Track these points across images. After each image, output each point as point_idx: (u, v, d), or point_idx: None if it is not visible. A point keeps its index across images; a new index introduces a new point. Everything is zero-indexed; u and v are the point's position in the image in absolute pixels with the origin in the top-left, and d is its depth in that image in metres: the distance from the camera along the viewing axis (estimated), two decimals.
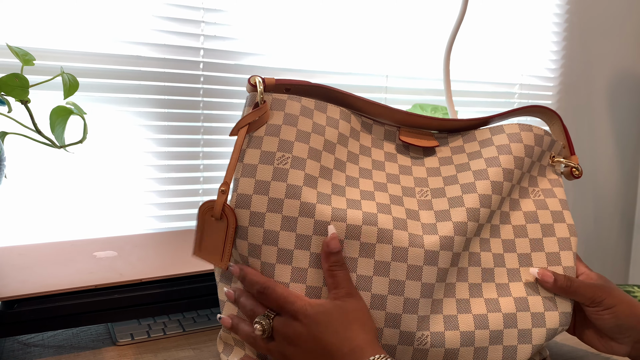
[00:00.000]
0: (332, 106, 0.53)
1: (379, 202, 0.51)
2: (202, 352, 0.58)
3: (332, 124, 0.52)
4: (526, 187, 0.57)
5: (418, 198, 0.53)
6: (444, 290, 0.50)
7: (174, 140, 0.93)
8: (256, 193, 0.48)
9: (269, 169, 0.48)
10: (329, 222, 0.48)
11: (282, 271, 0.48)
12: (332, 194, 0.49)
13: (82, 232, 0.88)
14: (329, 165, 0.51)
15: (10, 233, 0.83)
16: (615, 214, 1.61)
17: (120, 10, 0.86)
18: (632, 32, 1.54)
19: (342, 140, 0.53)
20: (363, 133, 0.55)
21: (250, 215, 0.48)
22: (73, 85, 0.64)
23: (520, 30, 1.30)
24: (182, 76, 0.92)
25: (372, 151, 0.55)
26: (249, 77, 0.50)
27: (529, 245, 0.55)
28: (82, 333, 0.62)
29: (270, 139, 0.49)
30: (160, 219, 0.94)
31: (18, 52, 0.61)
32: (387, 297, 0.48)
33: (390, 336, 0.48)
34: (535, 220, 0.55)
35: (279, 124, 0.50)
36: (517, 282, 0.53)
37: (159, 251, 0.69)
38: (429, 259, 0.49)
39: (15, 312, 0.53)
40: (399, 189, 0.53)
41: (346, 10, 1.06)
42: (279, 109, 0.51)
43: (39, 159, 0.83)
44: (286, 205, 0.48)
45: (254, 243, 0.48)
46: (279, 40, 1.00)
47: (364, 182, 0.52)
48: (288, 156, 0.49)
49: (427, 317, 0.49)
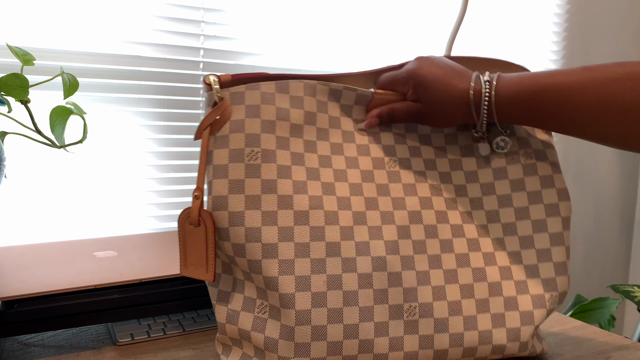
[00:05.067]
0: (294, 82, 0.52)
1: (352, 182, 0.52)
2: (202, 352, 0.58)
3: (297, 104, 0.51)
4: (516, 150, 0.56)
5: (387, 169, 0.54)
6: (428, 262, 0.51)
7: (174, 140, 0.93)
8: (232, 193, 0.48)
9: (240, 167, 0.48)
10: (307, 210, 0.49)
11: (269, 266, 0.48)
12: (307, 180, 0.50)
13: (82, 232, 0.88)
14: (299, 150, 0.51)
15: (10, 233, 0.83)
16: (615, 214, 1.61)
17: (120, 10, 0.86)
18: (632, 32, 1.54)
19: (310, 118, 0.52)
20: (330, 102, 0.54)
21: (229, 215, 0.48)
22: (73, 85, 0.64)
23: (520, 30, 1.30)
24: (182, 76, 0.92)
25: (341, 121, 0.54)
26: (203, 77, 0.50)
27: (514, 214, 0.54)
28: (82, 333, 0.62)
29: (236, 136, 0.49)
30: (160, 219, 0.94)
31: (18, 52, 0.61)
32: (372, 275, 0.49)
33: (381, 313, 0.49)
34: (522, 188, 0.55)
35: (242, 119, 0.49)
36: (502, 252, 0.54)
37: (159, 251, 0.69)
38: (402, 233, 0.51)
39: (15, 312, 0.53)
40: (369, 161, 0.53)
41: (346, 10, 1.06)
42: (239, 103, 0.50)
43: (39, 159, 0.83)
44: (264, 200, 0.48)
45: (237, 243, 0.48)
46: (279, 40, 1.00)
47: (335, 160, 0.52)
48: (257, 150, 0.49)
49: (415, 288, 0.50)
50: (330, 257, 0.49)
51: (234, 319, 0.50)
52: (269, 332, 0.48)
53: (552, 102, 0.47)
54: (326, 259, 0.49)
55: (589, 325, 0.65)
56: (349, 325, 0.48)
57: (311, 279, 0.48)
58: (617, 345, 0.60)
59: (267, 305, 0.49)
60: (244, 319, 0.50)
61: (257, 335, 0.49)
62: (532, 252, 0.54)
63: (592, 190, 1.55)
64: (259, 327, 0.49)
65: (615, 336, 0.62)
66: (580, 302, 1.43)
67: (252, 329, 0.49)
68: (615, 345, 0.60)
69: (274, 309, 0.49)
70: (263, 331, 0.49)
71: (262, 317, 0.49)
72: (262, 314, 0.49)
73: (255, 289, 0.50)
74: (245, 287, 0.51)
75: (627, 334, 1.70)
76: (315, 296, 0.48)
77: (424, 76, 0.52)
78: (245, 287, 0.51)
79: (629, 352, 0.58)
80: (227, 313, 0.51)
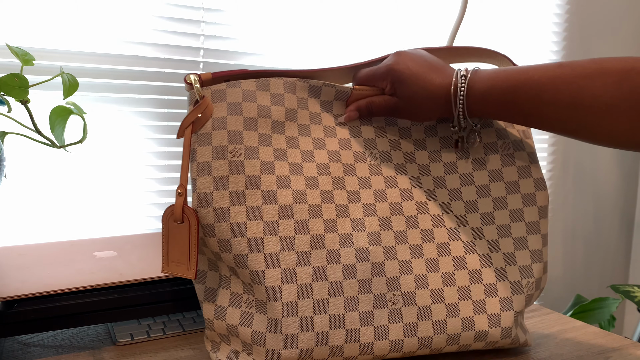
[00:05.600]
0: (274, 80, 0.53)
1: (334, 175, 0.53)
2: (202, 352, 0.58)
3: (277, 102, 0.52)
4: (494, 141, 0.57)
5: (368, 162, 0.55)
6: (410, 252, 0.52)
7: (174, 140, 0.93)
8: (216, 189, 0.49)
9: (224, 164, 0.49)
10: (291, 204, 0.49)
11: (255, 260, 0.48)
12: (290, 175, 0.51)
13: (82, 232, 0.88)
14: (282, 146, 0.51)
15: (10, 233, 0.83)
16: (615, 214, 1.61)
17: (120, 10, 0.86)
18: (632, 32, 1.54)
19: (290, 115, 0.53)
20: (311, 99, 0.55)
21: (215, 212, 0.48)
22: (73, 85, 0.63)
23: (521, 30, 1.30)
24: (182, 76, 0.92)
25: (322, 117, 0.55)
26: (185, 76, 0.50)
27: (492, 204, 0.56)
28: (82, 333, 0.62)
29: (219, 133, 0.49)
30: (160, 219, 0.94)
31: (18, 52, 0.61)
32: (355, 266, 0.50)
33: (365, 302, 0.50)
34: (500, 178, 0.56)
35: (224, 116, 0.50)
36: (481, 240, 0.55)
37: (159, 251, 0.69)
38: (383, 225, 0.52)
39: (15, 312, 0.53)
40: (351, 155, 0.54)
41: (346, 10, 1.06)
42: (220, 100, 0.50)
43: (39, 159, 0.83)
44: (248, 196, 0.49)
45: (222, 238, 0.49)
46: (279, 40, 1.00)
47: (318, 154, 0.53)
48: (240, 147, 0.49)
49: (397, 277, 0.51)
50: (314, 249, 0.50)
51: (221, 314, 0.51)
52: (256, 326, 0.49)
53: (524, 98, 0.48)
54: (311, 251, 0.49)
55: (589, 326, 0.65)
56: (334, 315, 0.49)
57: (297, 271, 0.49)
58: (617, 346, 0.60)
59: (254, 299, 0.50)
60: (231, 314, 0.50)
61: (244, 330, 0.49)
62: (509, 240, 0.55)
63: (592, 190, 1.55)
64: (246, 322, 0.50)
65: (615, 336, 0.62)
66: (580, 302, 1.43)
67: (239, 324, 0.50)
68: (615, 346, 0.60)
69: (261, 303, 0.49)
70: (250, 325, 0.49)
71: (249, 312, 0.50)
72: (249, 308, 0.50)
73: (241, 284, 0.50)
74: (232, 283, 0.51)
75: (627, 334, 1.70)
76: (301, 288, 0.48)
77: (401, 71, 0.53)
78: (232, 283, 0.51)
79: (629, 352, 0.58)
80: (214, 309, 0.51)
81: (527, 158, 0.56)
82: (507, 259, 0.54)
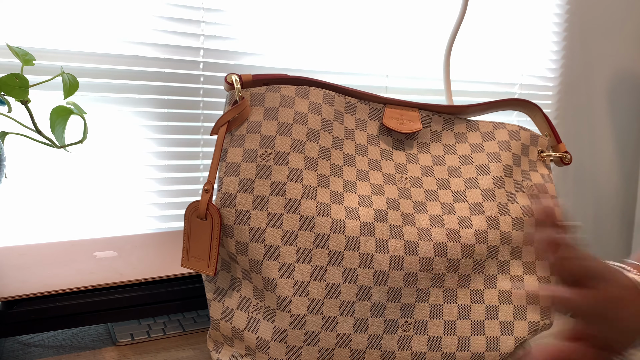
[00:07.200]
0: (314, 90, 0.52)
1: (361, 194, 0.52)
2: (202, 352, 0.58)
3: (315, 110, 0.52)
4: (520, 181, 0.57)
5: (398, 186, 0.54)
6: (430, 281, 0.52)
7: (174, 140, 0.93)
8: (241, 191, 0.49)
9: (252, 167, 0.49)
10: (313, 216, 0.48)
11: (269, 267, 0.48)
12: (317, 186, 0.50)
13: (82, 232, 0.88)
14: (313, 155, 0.51)
15: (10, 233, 0.83)
16: (615, 214, 1.61)
17: (120, 10, 0.86)
18: (632, 32, 1.54)
19: (326, 126, 0.52)
20: (347, 115, 0.55)
21: (236, 213, 0.48)
22: (73, 85, 0.64)
23: (520, 30, 1.30)
24: (182, 76, 0.92)
25: (355, 134, 0.55)
26: (225, 76, 0.51)
27: (521, 239, 0.55)
28: (82, 333, 0.62)
29: (252, 137, 0.49)
30: (161, 219, 0.94)
31: (18, 52, 0.61)
32: (372, 288, 0.49)
33: (376, 326, 0.49)
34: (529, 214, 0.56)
35: (260, 120, 0.50)
36: (504, 274, 0.54)
37: (159, 251, 0.69)
38: (409, 250, 0.51)
39: (15, 312, 0.53)
40: (380, 176, 0.54)
41: (346, 10, 1.06)
42: (258, 104, 0.50)
43: (39, 159, 0.83)
44: (271, 202, 0.48)
45: (240, 241, 0.48)
46: (279, 40, 1.00)
47: (347, 171, 0.53)
48: (270, 152, 0.49)
49: (412, 305, 0.50)
50: (331, 265, 0.49)
51: (228, 316, 0.51)
52: (262, 333, 0.48)
53: None
54: (327, 267, 0.48)
55: None
56: (342, 334, 0.48)
57: (309, 285, 0.48)
58: None
59: (262, 306, 0.49)
60: (239, 317, 0.50)
61: (249, 335, 0.49)
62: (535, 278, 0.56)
63: (592, 190, 1.55)
64: (252, 327, 0.49)
65: None
66: None
67: (245, 328, 0.50)
68: None
69: (269, 310, 0.49)
70: (256, 331, 0.49)
71: (256, 318, 0.49)
72: (257, 314, 0.49)
73: (252, 289, 0.50)
74: (243, 286, 0.51)
75: None
76: (312, 302, 0.48)
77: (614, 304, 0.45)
78: (243, 286, 0.51)
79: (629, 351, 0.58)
80: (222, 310, 0.51)
81: None
82: (530, 299, 0.54)
